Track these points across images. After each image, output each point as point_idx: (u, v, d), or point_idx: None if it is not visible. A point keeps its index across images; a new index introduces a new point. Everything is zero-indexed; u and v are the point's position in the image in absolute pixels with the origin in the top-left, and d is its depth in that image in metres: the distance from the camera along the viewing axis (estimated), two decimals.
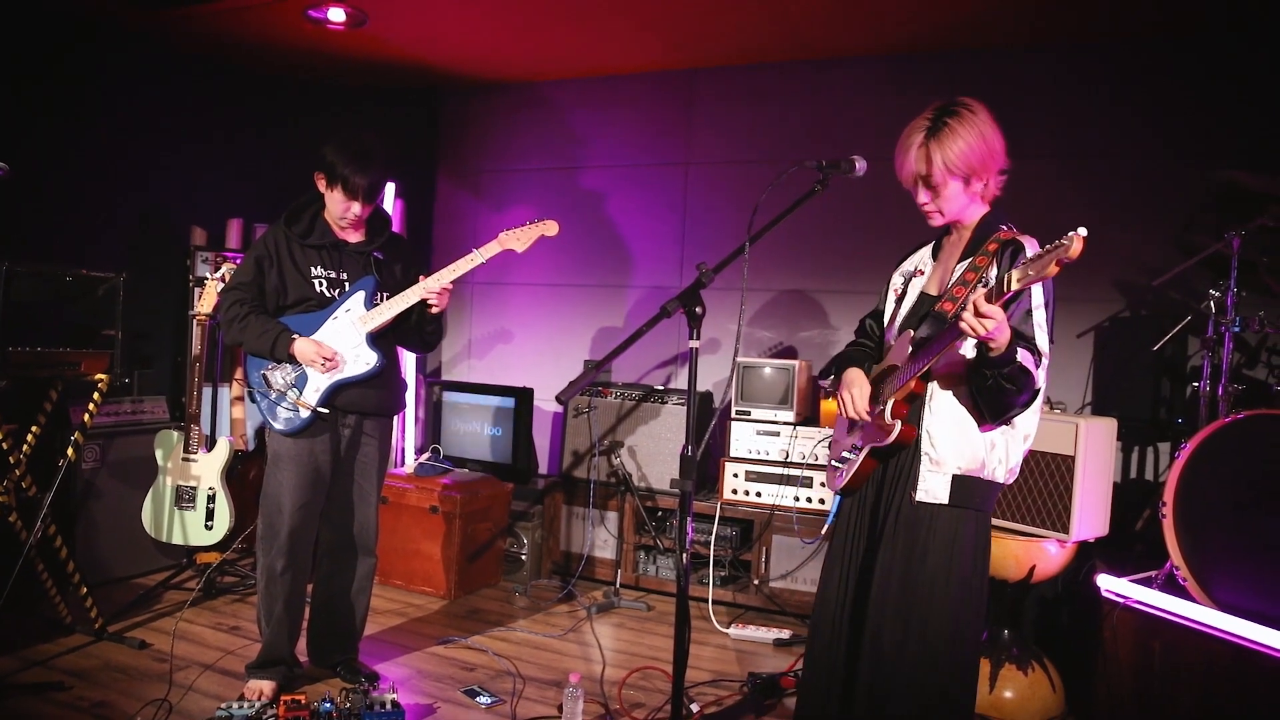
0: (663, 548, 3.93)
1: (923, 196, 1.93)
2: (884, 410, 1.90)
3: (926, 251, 2.10)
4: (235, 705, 2.36)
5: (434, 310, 2.76)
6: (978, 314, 1.64)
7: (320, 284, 2.75)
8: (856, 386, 2.01)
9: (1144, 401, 3.51)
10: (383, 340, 2.78)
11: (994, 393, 1.77)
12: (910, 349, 1.89)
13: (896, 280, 2.12)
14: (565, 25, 3.91)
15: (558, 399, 1.91)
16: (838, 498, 2.13)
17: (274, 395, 2.71)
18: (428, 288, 2.71)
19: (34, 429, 3.05)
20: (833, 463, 2.12)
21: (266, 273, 2.73)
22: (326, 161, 2.65)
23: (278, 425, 2.71)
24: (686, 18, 3.76)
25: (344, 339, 2.72)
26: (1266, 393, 3.01)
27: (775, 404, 3.78)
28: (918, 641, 1.86)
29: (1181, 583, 2.50)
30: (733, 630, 3.51)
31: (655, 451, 4.01)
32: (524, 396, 4.26)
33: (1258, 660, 2.24)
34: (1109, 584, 2.68)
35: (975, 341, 1.71)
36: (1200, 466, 2.51)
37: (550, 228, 2.81)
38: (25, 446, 3.02)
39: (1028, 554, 2.78)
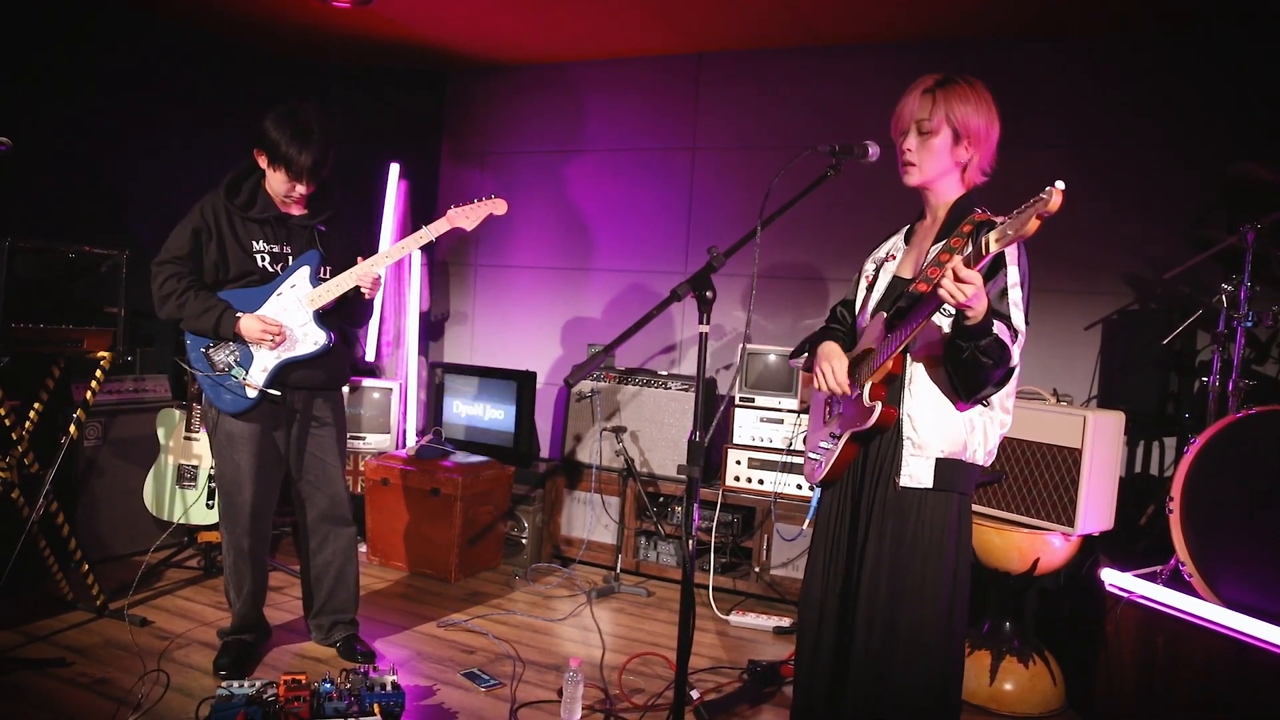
0: (664, 533, 3.92)
1: (910, 143, 1.90)
2: (862, 393, 1.87)
3: (898, 237, 2.07)
4: (236, 684, 2.36)
5: (366, 297, 2.71)
6: (956, 279, 1.62)
7: (263, 259, 2.66)
8: (835, 359, 1.98)
9: (1151, 395, 3.48)
10: (328, 315, 2.72)
11: (970, 366, 1.74)
12: (884, 330, 1.87)
13: (868, 267, 2.10)
14: (571, 7, 3.86)
15: (566, 382, 1.89)
16: (817, 490, 2.11)
17: (217, 375, 2.62)
18: (362, 273, 2.64)
19: (36, 405, 3.04)
20: (810, 455, 2.09)
21: (205, 246, 2.63)
22: (268, 139, 2.55)
23: (224, 407, 2.64)
24: (693, 1, 3.71)
25: (290, 316, 2.65)
26: (1277, 389, 2.99)
27: (779, 391, 3.77)
28: (910, 631, 1.84)
29: (1187, 578, 2.49)
30: (733, 617, 3.51)
31: (657, 437, 3.99)
32: (526, 379, 4.25)
33: (1262, 658, 2.23)
34: (1113, 578, 2.67)
35: (952, 313, 1.70)
36: (1209, 462, 2.49)
37: (499, 206, 2.79)
38: (27, 423, 3.01)
39: (1032, 546, 2.77)
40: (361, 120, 4.77)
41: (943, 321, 1.79)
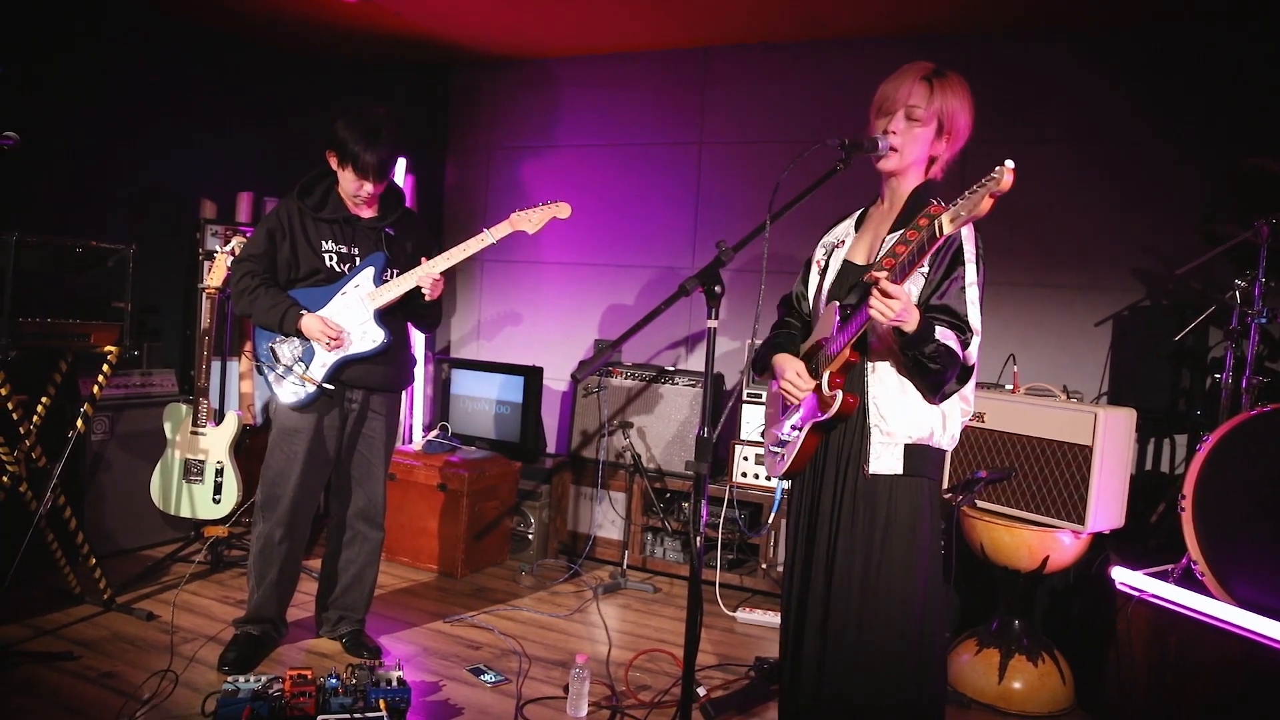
0: (670, 529, 3.91)
1: (897, 124, 1.90)
2: (821, 383, 1.88)
3: (849, 223, 2.09)
4: (242, 679, 2.36)
5: (427, 298, 2.74)
6: (884, 295, 1.65)
7: (330, 258, 2.74)
8: (790, 370, 1.99)
9: (1162, 392, 3.46)
10: (391, 317, 2.77)
11: (918, 371, 1.79)
12: (839, 318, 1.89)
13: (818, 253, 2.11)
14: (576, 0, 3.84)
15: (573, 377, 1.89)
16: (780, 485, 2.12)
17: (281, 369, 2.71)
18: (423, 273, 2.69)
19: (44, 400, 3.04)
20: (770, 449, 2.09)
21: (278, 245, 2.72)
22: (337, 139, 2.64)
23: (284, 398, 2.73)
24: None
25: (352, 315, 2.71)
26: None
27: None
28: (886, 618, 1.84)
29: (1199, 577, 2.46)
30: (739, 614, 3.50)
31: (664, 433, 3.98)
32: (533, 375, 4.24)
33: (1276, 658, 2.21)
34: (1124, 577, 2.65)
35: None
36: (1222, 460, 2.47)
37: (563, 210, 2.79)
38: (35, 417, 3.01)
39: (1041, 544, 2.75)
40: None
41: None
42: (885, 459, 1.86)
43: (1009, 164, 1.53)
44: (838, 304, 1.91)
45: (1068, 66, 3.70)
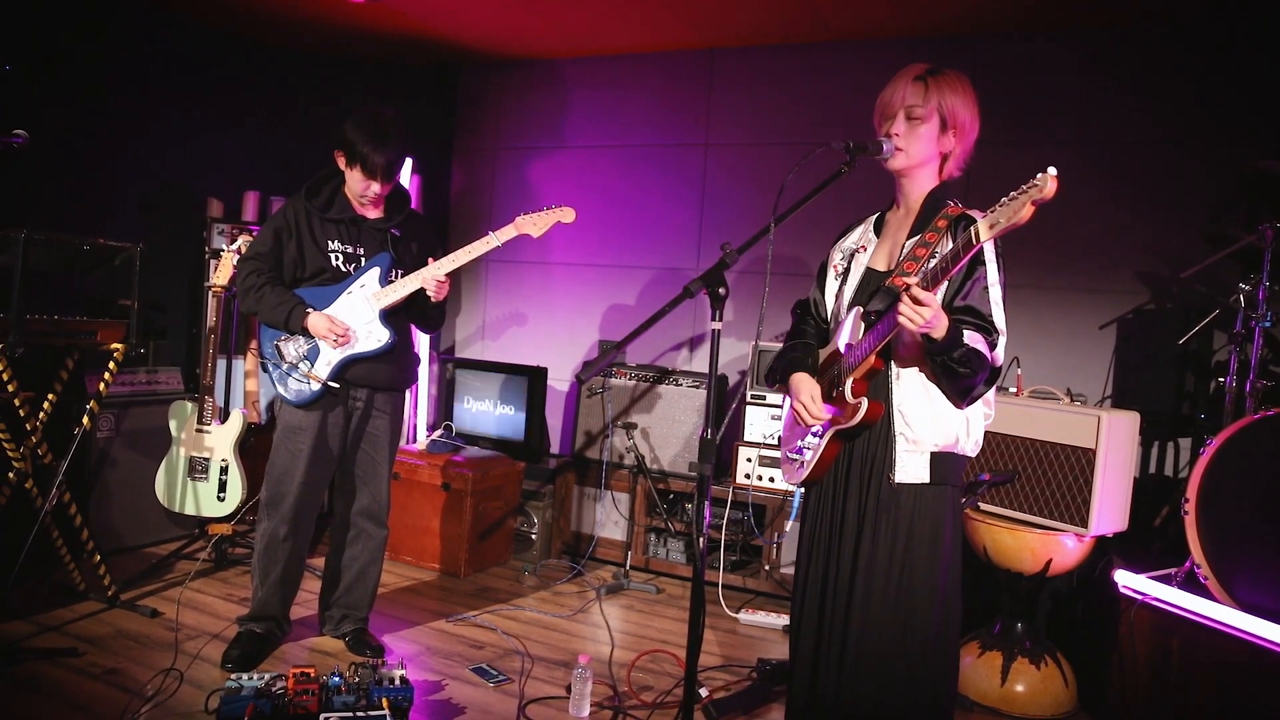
0: (673, 530, 3.91)
1: (898, 127, 1.90)
2: (844, 391, 1.86)
3: (867, 227, 2.08)
4: (245, 677, 2.36)
5: (432, 300, 2.76)
6: (915, 302, 1.65)
7: (336, 258, 2.76)
8: (806, 392, 1.96)
9: (1167, 396, 3.45)
10: (395, 317, 2.78)
11: (947, 376, 1.78)
12: (863, 325, 1.88)
13: (836, 257, 2.10)
14: (583, 1, 3.85)
15: (578, 378, 1.90)
16: (798, 490, 2.10)
17: (286, 366, 2.73)
18: (428, 275, 2.70)
19: (50, 397, 3.06)
20: (788, 456, 2.07)
21: (284, 244, 2.74)
22: (345, 139, 2.66)
23: (288, 396, 2.75)
24: None
25: (357, 314, 2.73)
26: None
27: None
28: (906, 625, 1.84)
29: (1202, 581, 2.46)
30: (742, 615, 3.50)
31: (668, 433, 3.99)
32: (537, 375, 4.25)
33: (1278, 661, 2.20)
34: (1127, 580, 2.65)
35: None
36: (1226, 463, 2.47)
37: (567, 214, 2.80)
38: (41, 414, 3.03)
39: (1045, 547, 2.75)
40: None
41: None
42: (911, 467, 1.85)
43: (1052, 171, 1.50)
44: (860, 310, 1.90)
45: (1073, 68, 3.69)
